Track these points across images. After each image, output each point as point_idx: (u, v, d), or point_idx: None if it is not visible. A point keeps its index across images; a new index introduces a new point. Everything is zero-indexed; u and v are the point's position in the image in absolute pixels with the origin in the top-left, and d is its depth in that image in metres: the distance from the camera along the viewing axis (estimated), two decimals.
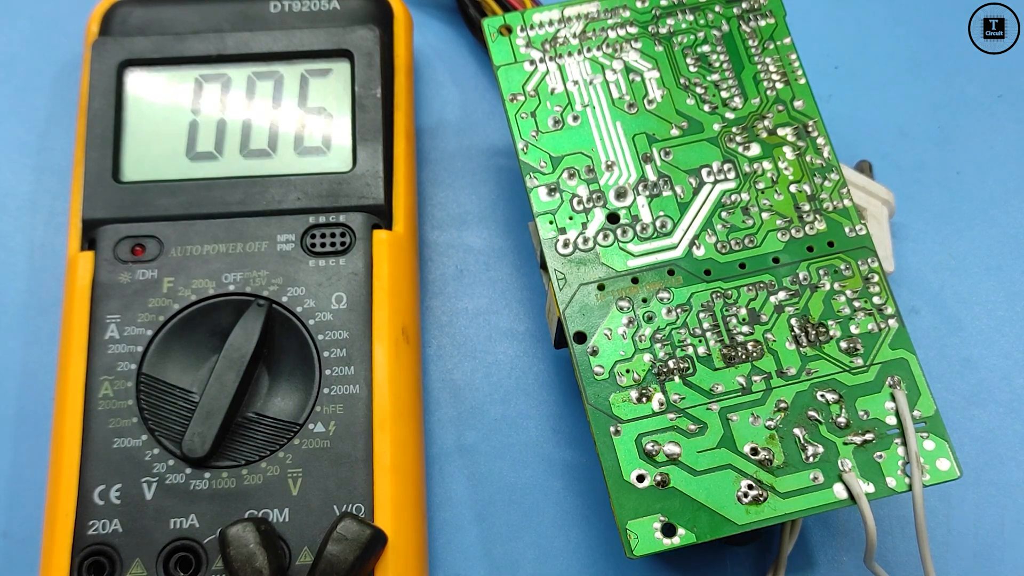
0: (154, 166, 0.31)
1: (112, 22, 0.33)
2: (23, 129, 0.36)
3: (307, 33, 0.33)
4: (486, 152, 0.36)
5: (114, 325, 0.29)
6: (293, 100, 0.32)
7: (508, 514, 0.31)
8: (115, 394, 0.28)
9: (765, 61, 0.30)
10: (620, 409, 0.26)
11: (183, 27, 0.33)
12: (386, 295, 0.30)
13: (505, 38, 0.31)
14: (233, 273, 0.29)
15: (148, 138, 0.32)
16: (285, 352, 0.29)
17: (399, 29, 0.34)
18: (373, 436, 0.28)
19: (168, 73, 0.33)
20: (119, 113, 0.32)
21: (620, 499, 0.25)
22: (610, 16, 0.31)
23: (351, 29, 0.33)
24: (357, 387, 0.28)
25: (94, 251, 0.30)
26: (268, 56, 0.33)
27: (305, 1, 0.34)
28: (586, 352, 0.27)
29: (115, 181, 0.31)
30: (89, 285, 0.30)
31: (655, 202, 0.29)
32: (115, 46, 0.32)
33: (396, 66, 0.33)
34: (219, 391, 0.28)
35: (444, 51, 0.38)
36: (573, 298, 0.27)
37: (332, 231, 0.30)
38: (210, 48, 0.33)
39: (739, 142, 0.29)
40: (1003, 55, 0.38)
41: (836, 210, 0.29)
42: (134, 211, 0.30)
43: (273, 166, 0.31)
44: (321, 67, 0.33)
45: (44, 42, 0.37)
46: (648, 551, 0.25)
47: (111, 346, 0.29)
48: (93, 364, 0.29)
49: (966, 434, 0.32)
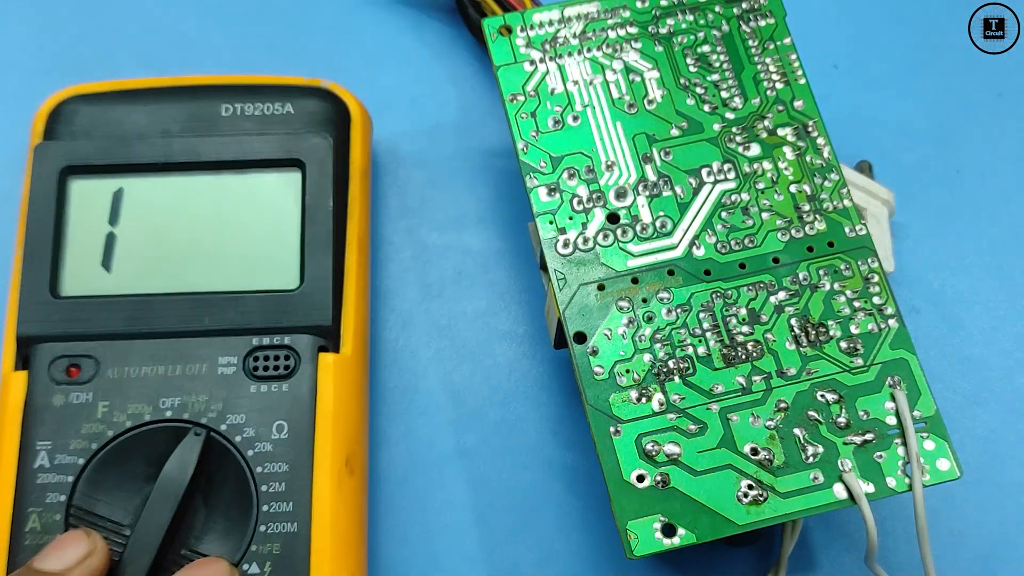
0: (94, 280, 0.30)
1: (58, 121, 0.32)
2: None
3: (257, 140, 0.31)
4: (484, 153, 0.36)
5: (45, 452, 0.28)
6: (240, 212, 0.31)
7: (508, 517, 0.31)
8: (43, 528, 0.27)
9: (765, 61, 0.30)
10: (620, 409, 0.26)
11: (130, 127, 0.32)
12: (330, 423, 0.28)
13: (505, 38, 0.31)
14: (171, 398, 0.28)
15: (89, 250, 0.30)
16: (222, 484, 0.28)
17: (355, 133, 0.33)
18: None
19: (111, 181, 0.31)
20: (60, 223, 0.30)
21: (620, 499, 0.25)
22: (610, 16, 0.31)
23: (303, 137, 0.31)
24: (295, 525, 0.27)
25: (28, 370, 0.29)
26: (216, 165, 0.31)
27: (258, 105, 0.32)
28: (586, 352, 0.27)
29: (52, 296, 0.29)
30: (20, 407, 0.28)
31: (655, 202, 0.29)
32: (57, 151, 0.31)
33: (351, 173, 0.32)
34: (151, 527, 0.26)
35: (443, 51, 0.38)
36: (573, 298, 0.27)
37: (276, 353, 0.29)
38: (156, 154, 0.31)
39: (739, 142, 0.29)
40: (1003, 55, 0.38)
41: (836, 210, 0.29)
42: (71, 328, 0.29)
43: (217, 282, 0.30)
44: (271, 177, 0.31)
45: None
46: (648, 551, 0.25)
47: (40, 475, 0.27)
48: (21, 495, 0.27)
49: (967, 434, 0.32)
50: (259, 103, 0.32)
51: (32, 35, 0.38)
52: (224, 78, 0.33)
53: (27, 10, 0.38)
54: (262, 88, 0.33)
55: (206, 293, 0.30)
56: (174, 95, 0.33)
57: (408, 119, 0.36)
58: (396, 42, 0.38)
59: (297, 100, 0.32)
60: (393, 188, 0.35)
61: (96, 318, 0.29)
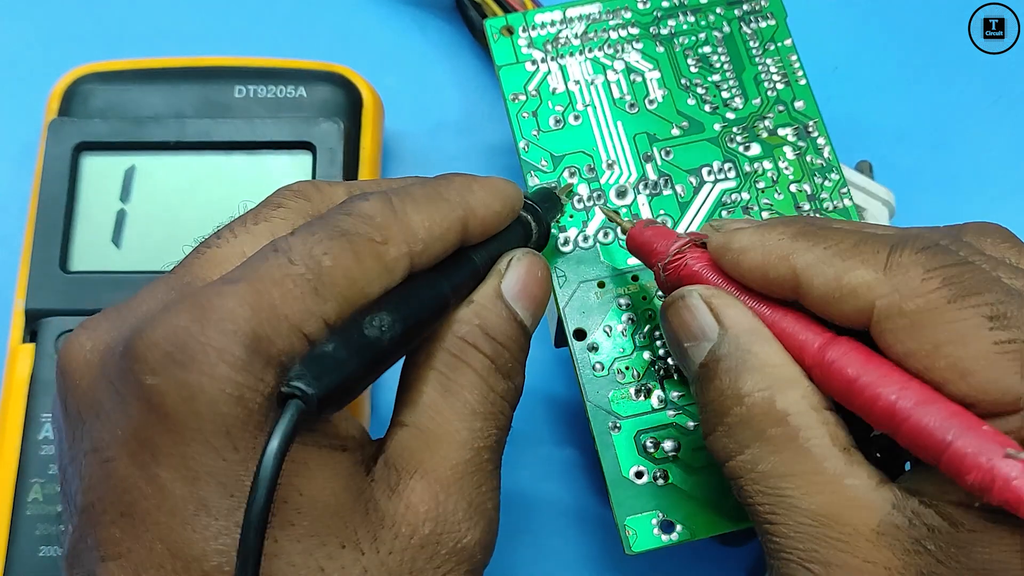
0: (104, 256, 0.30)
1: (72, 100, 0.32)
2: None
3: (269, 123, 0.32)
4: (486, 152, 0.36)
5: (50, 424, 0.28)
6: (251, 192, 0.30)
7: (506, 515, 0.30)
8: (45, 499, 0.27)
9: (766, 62, 0.31)
10: (619, 406, 0.26)
11: (145, 109, 0.32)
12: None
13: (507, 38, 0.31)
14: None
15: (100, 227, 0.31)
16: None
17: (367, 118, 0.33)
18: None
19: (124, 158, 0.32)
20: (72, 199, 0.31)
21: (618, 495, 0.25)
22: (611, 17, 0.31)
23: (315, 121, 0.32)
24: None
25: (35, 343, 0.29)
26: (228, 145, 0.32)
27: (271, 88, 0.33)
28: (586, 349, 0.27)
29: (62, 271, 0.30)
30: (27, 380, 0.29)
31: (655, 201, 0.29)
32: (72, 128, 0.31)
33: (361, 158, 0.33)
34: None
35: (445, 51, 0.38)
36: (573, 295, 0.28)
37: None
38: (169, 135, 0.32)
39: (739, 142, 0.30)
40: (1003, 55, 0.38)
41: (836, 210, 0.29)
42: (80, 303, 0.29)
43: None
44: (282, 159, 0.32)
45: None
46: (646, 547, 0.25)
47: (44, 447, 0.28)
48: (25, 465, 0.28)
49: None
50: (272, 86, 0.33)
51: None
52: (239, 60, 0.34)
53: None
54: (276, 71, 0.33)
55: None
56: (188, 75, 0.33)
57: (410, 118, 0.36)
58: (399, 41, 0.38)
59: (310, 84, 0.33)
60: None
61: (105, 294, 0.29)
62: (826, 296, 0.20)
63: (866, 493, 0.19)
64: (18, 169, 0.35)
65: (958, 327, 0.18)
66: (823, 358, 0.20)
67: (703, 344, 0.22)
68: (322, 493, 0.18)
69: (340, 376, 0.18)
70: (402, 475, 0.20)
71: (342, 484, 0.19)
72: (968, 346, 0.18)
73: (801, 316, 0.21)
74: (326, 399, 0.18)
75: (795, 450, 0.20)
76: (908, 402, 0.18)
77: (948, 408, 0.18)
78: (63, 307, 0.29)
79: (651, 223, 0.25)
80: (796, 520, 0.19)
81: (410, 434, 0.21)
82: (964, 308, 0.18)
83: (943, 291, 0.19)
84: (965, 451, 0.17)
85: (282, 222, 0.21)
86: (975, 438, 0.17)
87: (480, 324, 0.22)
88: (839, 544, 0.19)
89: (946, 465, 0.18)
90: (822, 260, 0.20)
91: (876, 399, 0.19)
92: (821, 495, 0.19)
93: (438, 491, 0.20)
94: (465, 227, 0.22)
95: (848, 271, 0.20)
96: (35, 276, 0.30)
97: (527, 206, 0.25)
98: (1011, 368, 0.18)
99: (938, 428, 0.18)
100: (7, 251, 0.33)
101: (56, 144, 0.31)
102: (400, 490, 0.20)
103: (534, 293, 0.23)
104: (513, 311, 0.23)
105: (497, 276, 0.23)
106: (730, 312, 0.22)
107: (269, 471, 0.16)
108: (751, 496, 0.20)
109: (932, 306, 0.19)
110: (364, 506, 0.19)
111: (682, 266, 0.24)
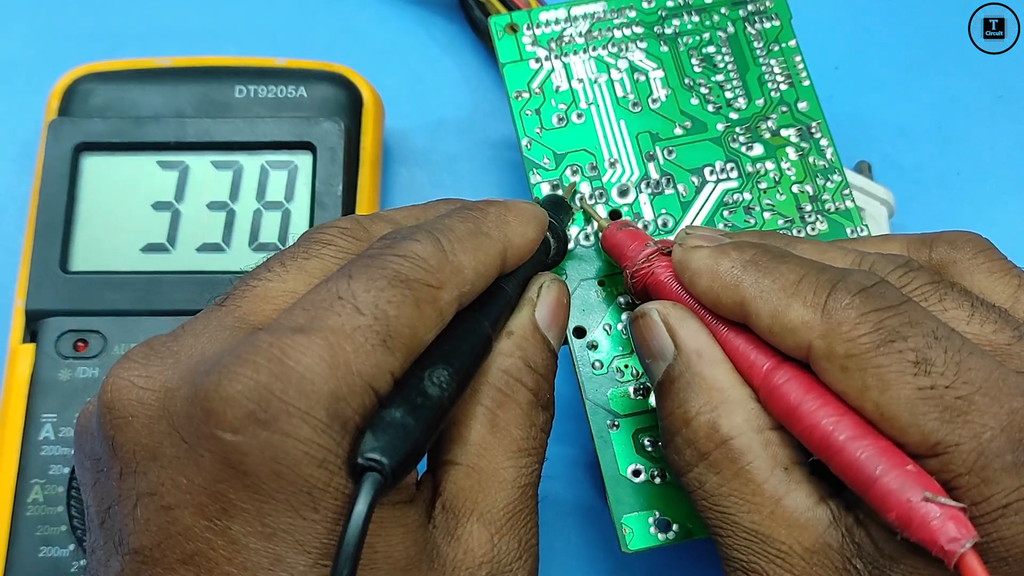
0: (104, 257, 0.30)
1: (72, 100, 0.32)
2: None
3: (270, 123, 0.32)
4: (489, 150, 0.36)
5: (50, 425, 0.28)
6: (251, 193, 0.31)
7: None
8: (45, 499, 0.27)
9: (770, 63, 0.31)
10: (618, 404, 0.27)
11: (145, 109, 0.32)
12: None
13: (511, 36, 0.31)
14: None
15: (100, 227, 0.31)
16: None
17: (368, 118, 0.33)
18: None
19: (125, 159, 0.31)
20: (72, 199, 0.31)
21: (616, 493, 0.26)
22: (616, 16, 0.31)
23: (315, 122, 0.32)
24: None
25: (35, 344, 0.29)
26: (228, 146, 0.32)
27: (271, 87, 0.33)
28: (585, 347, 0.27)
29: (62, 271, 0.30)
30: (27, 380, 0.29)
31: (657, 200, 0.29)
32: (72, 128, 0.31)
33: (362, 158, 0.32)
34: None
35: (447, 49, 0.38)
36: (573, 293, 0.28)
37: None
38: (169, 135, 0.31)
39: (742, 142, 0.30)
40: (1003, 55, 0.38)
41: (838, 211, 0.29)
42: (80, 303, 0.29)
43: (226, 262, 0.30)
44: (282, 159, 0.32)
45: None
46: (643, 546, 0.25)
47: (45, 447, 0.28)
48: (26, 466, 0.28)
49: None
50: (272, 86, 0.33)
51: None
52: (239, 60, 0.34)
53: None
54: (276, 71, 0.33)
55: (214, 272, 0.30)
56: (188, 75, 0.33)
57: (414, 115, 0.36)
58: (400, 40, 0.38)
59: (310, 84, 0.33)
60: (398, 183, 0.36)
61: (105, 294, 0.30)
62: (769, 328, 0.21)
63: (803, 513, 0.20)
64: (18, 169, 0.35)
65: (882, 372, 0.19)
66: (770, 382, 0.21)
67: (660, 363, 0.23)
68: (395, 550, 0.19)
69: (411, 444, 0.18)
70: (459, 519, 0.21)
71: (412, 538, 0.19)
72: (890, 391, 0.19)
73: (753, 336, 0.22)
74: (399, 469, 0.18)
75: (735, 472, 0.21)
76: (842, 435, 0.19)
77: (878, 444, 0.19)
78: (63, 307, 0.29)
79: (625, 225, 0.26)
80: (738, 535, 0.21)
81: (463, 473, 0.21)
82: (890, 354, 0.19)
83: (872, 336, 0.19)
84: (889, 488, 0.18)
85: (333, 260, 0.21)
86: (899, 477, 0.18)
87: (522, 357, 0.22)
88: (777, 560, 0.20)
89: (871, 499, 0.19)
90: (766, 294, 0.21)
91: (814, 428, 0.20)
92: (759, 515, 0.20)
93: (493, 533, 0.21)
94: (504, 260, 0.22)
95: (788, 310, 0.20)
96: (35, 276, 0.30)
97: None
98: (930, 414, 0.18)
99: (866, 463, 0.19)
100: (7, 251, 0.33)
101: (56, 144, 0.31)
102: (459, 535, 0.20)
103: (561, 320, 0.24)
104: (548, 341, 0.23)
105: (530, 305, 0.23)
106: (683, 332, 0.22)
107: (353, 542, 0.17)
108: (701, 510, 0.22)
109: (860, 351, 0.19)
110: (429, 555, 0.20)
111: (648, 275, 0.24)
